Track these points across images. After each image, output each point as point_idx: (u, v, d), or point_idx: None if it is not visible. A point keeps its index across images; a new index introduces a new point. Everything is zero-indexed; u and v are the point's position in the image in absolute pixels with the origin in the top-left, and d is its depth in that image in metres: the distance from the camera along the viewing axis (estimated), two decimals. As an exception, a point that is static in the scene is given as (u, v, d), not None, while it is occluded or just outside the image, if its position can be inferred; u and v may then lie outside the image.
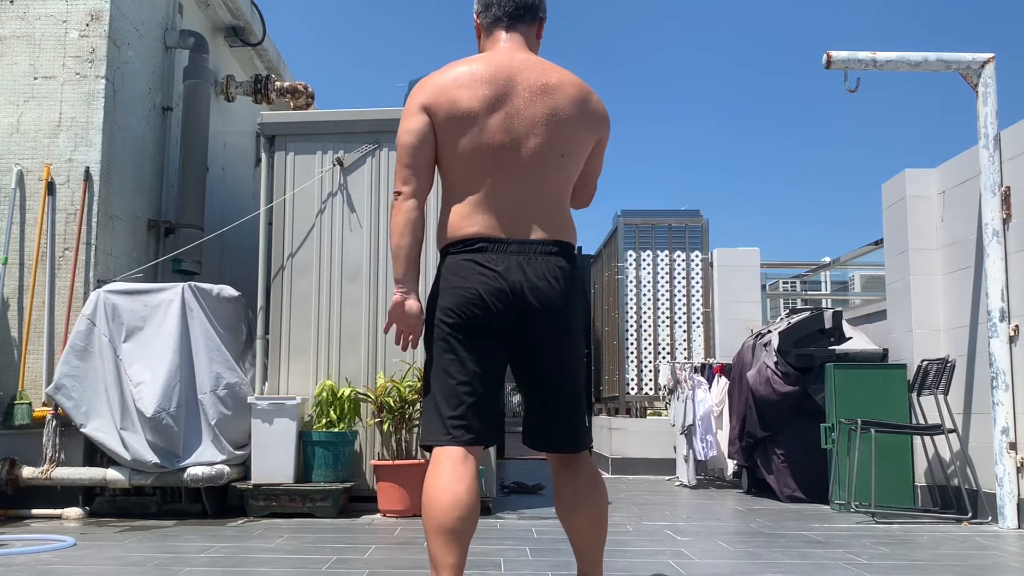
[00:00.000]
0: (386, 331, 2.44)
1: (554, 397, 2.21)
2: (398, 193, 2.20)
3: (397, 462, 4.85)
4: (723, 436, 6.68)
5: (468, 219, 2.17)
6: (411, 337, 2.24)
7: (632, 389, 8.22)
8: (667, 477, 7.48)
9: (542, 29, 2.40)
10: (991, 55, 4.95)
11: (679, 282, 8.28)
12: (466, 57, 2.27)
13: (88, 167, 5.12)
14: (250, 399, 4.95)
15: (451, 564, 2.01)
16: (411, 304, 2.20)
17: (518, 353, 2.20)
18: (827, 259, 8.48)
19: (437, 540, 2.02)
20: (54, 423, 4.74)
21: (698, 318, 8.22)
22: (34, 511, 4.74)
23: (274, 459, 4.85)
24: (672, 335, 8.23)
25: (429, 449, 2.16)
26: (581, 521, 2.20)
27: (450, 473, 2.05)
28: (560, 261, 2.18)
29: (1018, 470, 4.58)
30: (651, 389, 8.20)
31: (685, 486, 6.76)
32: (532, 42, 2.36)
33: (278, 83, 6.95)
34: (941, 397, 5.07)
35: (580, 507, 2.20)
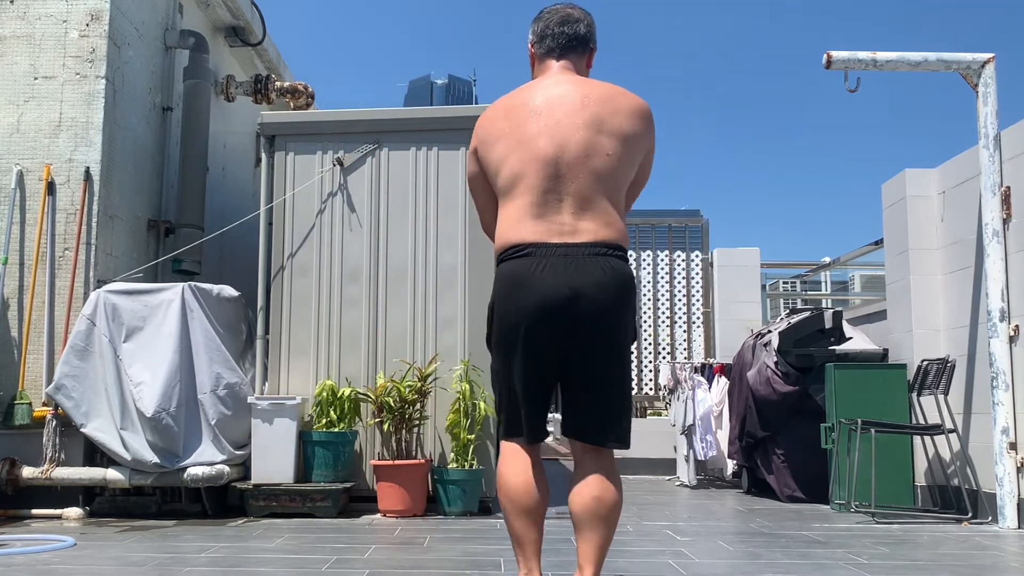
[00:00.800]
0: None
1: (595, 395, 2.28)
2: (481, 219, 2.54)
3: (397, 462, 4.85)
4: (723, 436, 6.68)
5: (516, 226, 2.28)
6: None
7: (632, 389, 8.23)
8: (667, 477, 7.48)
9: (592, 59, 2.53)
10: (991, 55, 4.95)
11: (679, 282, 8.29)
12: (520, 87, 2.44)
13: (88, 167, 5.12)
14: (250, 399, 4.95)
15: (534, 539, 2.27)
16: None
17: (568, 355, 2.27)
18: (827, 259, 8.48)
19: (519, 520, 2.27)
20: (54, 423, 4.74)
21: (698, 318, 8.23)
22: (34, 511, 4.75)
23: (274, 459, 4.85)
24: (672, 335, 8.23)
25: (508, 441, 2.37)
26: (579, 511, 2.23)
27: (523, 464, 2.30)
28: (612, 262, 2.25)
29: (1018, 470, 4.58)
30: (651, 389, 8.20)
31: (685, 486, 6.76)
32: (582, 70, 2.49)
33: (278, 83, 6.95)
34: (941, 397, 5.07)
35: (585, 490, 2.23)
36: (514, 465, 2.30)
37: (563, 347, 2.25)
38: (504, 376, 2.34)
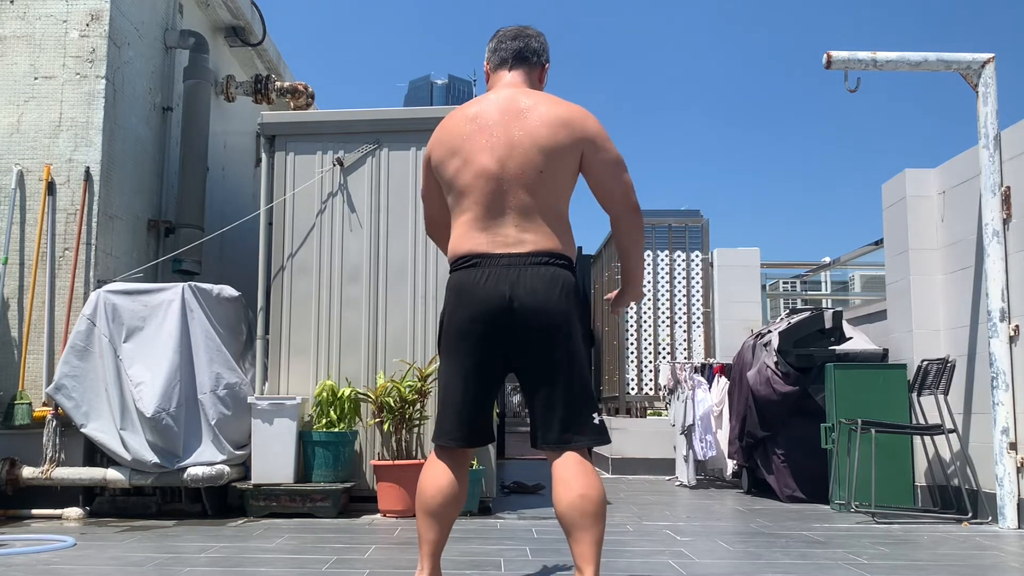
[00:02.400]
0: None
1: (548, 398, 2.34)
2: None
3: (397, 462, 4.85)
4: (723, 436, 6.68)
5: (464, 238, 2.41)
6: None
7: (632, 389, 8.22)
8: (667, 477, 7.48)
9: (544, 75, 2.64)
10: (991, 55, 4.95)
11: (679, 282, 8.29)
12: (469, 101, 2.54)
13: (88, 167, 5.12)
14: (250, 399, 4.95)
15: (431, 539, 2.39)
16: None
17: (513, 360, 2.38)
18: (827, 259, 8.48)
19: (421, 519, 2.41)
20: (54, 423, 4.74)
21: (698, 318, 8.22)
22: (34, 511, 4.74)
23: (274, 459, 4.85)
24: (672, 335, 8.23)
25: (442, 446, 2.47)
26: (567, 512, 2.23)
27: (440, 466, 2.42)
28: (552, 270, 2.35)
29: (1018, 470, 4.58)
30: (651, 389, 8.20)
31: (685, 486, 6.76)
32: (534, 83, 2.59)
33: (278, 83, 6.95)
34: (941, 397, 5.07)
35: (567, 493, 2.24)
36: (432, 468, 2.43)
37: (508, 354, 2.37)
38: (448, 380, 2.44)
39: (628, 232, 2.49)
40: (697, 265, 8.27)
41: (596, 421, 2.34)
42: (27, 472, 4.71)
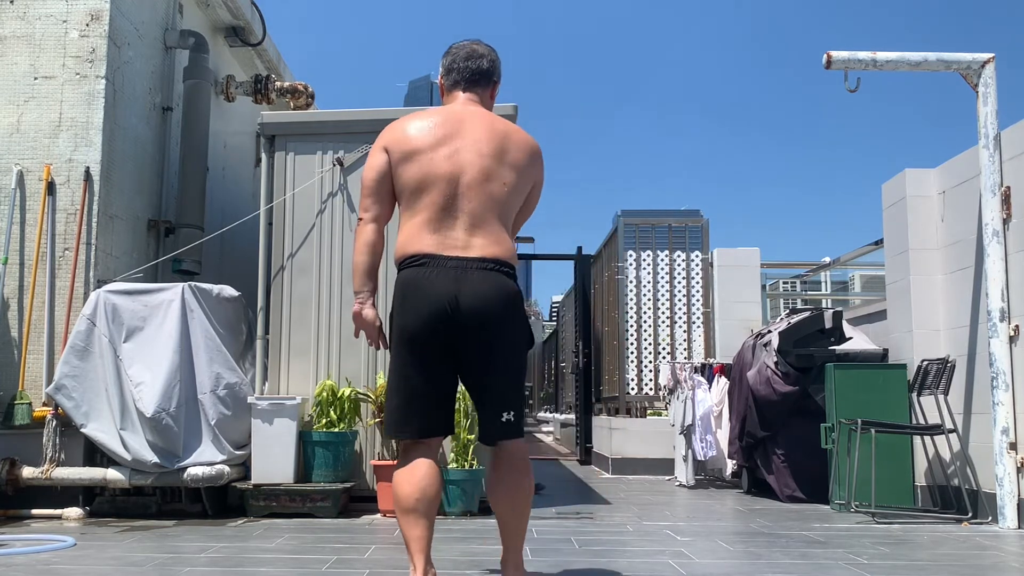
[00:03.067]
0: (355, 336, 2.76)
1: (484, 395, 2.55)
2: (360, 218, 2.64)
3: (397, 462, 4.84)
4: (723, 436, 6.68)
5: (416, 238, 2.52)
6: (376, 339, 2.67)
7: (632, 389, 8.22)
8: (667, 477, 7.48)
9: (495, 91, 2.81)
10: (991, 55, 4.95)
11: (679, 282, 8.28)
12: (428, 109, 2.71)
13: (88, 167, 5.12)
14: (250, 399, 4.95)
15: (416, 536, 2.42)
16: (368, 312, 2.63)
17: (458, 356, 2.52)
18: (827, 259, 8.48)
19: (403, 519, 2.45)
20: (54, 423, 4.74)
21: (698, 318, 8.22)
22: (34, 511, 4.74)
23: (274, 459, 4.85)
24: (672, 335, 8.23)
25: (394, 439, 2.58)
26: (501, 504, 2.53)
27: (414, 464, 2.49)
28: (495, 276, 2.50)
29: (1018, 470, 4.58)
30: (651, 389, 8.20)
31: (685, 486, 6.76)
32: (486, 102, 2.76)
33: (278, 83, 6.95)
34: (941, 397, 5.07)
35: (504, 492, 2.53)
36: (407, 467, 2.50)
37: (452, 349, 2.50)
38: (399, 375, 2.54)
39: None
40: (697, 265, 8.27)
41: (505, 420, 2.52)
42: (27, 472, 4.71)
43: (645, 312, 8.25)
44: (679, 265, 8.29)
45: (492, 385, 2.53)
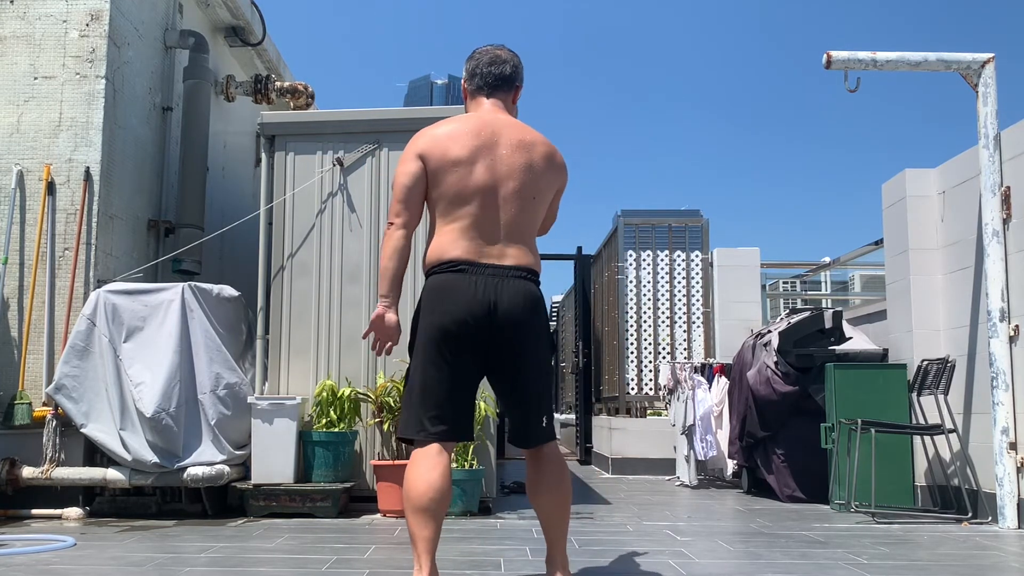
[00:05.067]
0: (364, 337, 2.79)
1: (521, 399, 2.61)
2: (391, 223, 2.65)
3: (397, 462, 4.85)
4: (723, 436, 6.68)
5: (453, 245, 2.58)
6: (388, 345, 2.68)
7: (632, 389, 8.22)
8: (667, 477, 7.48)
9: (518, 95, 2.87)
10: (991, 55, 4.95)
11: (679, 282, 8.28)
12: (456, 116, 2.74)
13: (88, 167, 5.12)
14: (250, 399, 4.95)
15: (426, 537, 2.43)
16: (391, 317, 2.65)
17: (490, 362, 2.59)
18: (827, 259, 8.47)
19: (415, 517, 2.44)
20: (54, 423, 4.74)
21: (698, 318, 8.22)
22: (34, 511, 4.74)
23: (274, 459, 4.85)
24: (672, 335, 8.23)
25: (407, 442, 2.60)
26: (544, 503, 2.61)
27: (427, 463, 2.48)
28: (528, 285, 2.60)
29: (1018, 470, 4.58)
30: (651, 389, 8.20)
31: (685, 486, 6.76)
32: (509, 106, 2.82)
33: (278, 83, 6.95)
34: (941, 397, 5.07)
35: (545, 491, 2.61)
36: (418, 466, 2.49)
37: (483, 355, 2.57)
38: (423, 376, 2.55)
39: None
40: (697, 265, 8.27)
41: (545, 424, 2.62)
42: (27, 472, 4.71)
43: (645, 312, 8.25)
44: (679, 265, 8.29)
45: (530, 391, 2.61)
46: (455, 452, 4.88)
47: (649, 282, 8.28)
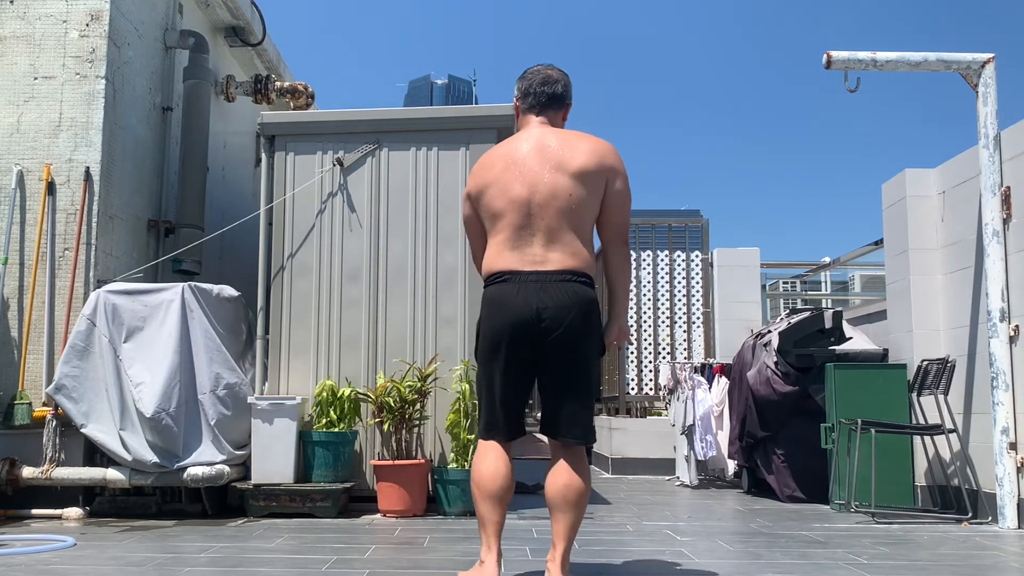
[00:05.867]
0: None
1: (563, 395, 2.71)
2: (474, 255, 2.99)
3: (397, 462, 4.85)
4: (723, 436, 6.68)
5: (498, 257, 2.76)
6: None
7: (632, 389, 8.22)
8: (667, 477, 7.48)
9: (567, 113, 2.98)
10: (991, 55, 4.95)
11: (679, 282, 8.29)
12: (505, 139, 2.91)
13: (88, 167, 5.12)
14: (250, 399, 4.95)
15: (495, 520, 2.68)
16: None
17: (538, 364, 2.72)
18: (827, 259, 8.48)
19: (484, 504, 2.69)
20: (54, 423, 4.74)
21: (698, 318, 8.23)
22: (34, 511, 4.74)
23: (274, 459, 4.85)
24: (672, 335, 8.23)
25: (484, 440, 2.83)
26: (549, 495, 2.68)
27: (492, 454, 2.75)
28: (574, 287, 2.68)
29: (1018, 470, 4.58)
30: (651, 389, 8.20)
31: (685, 486, 6.76)
32: (557, 123, 2.94)
33: (278, 83, 6.95)
34: (941, 397, 5.07)
35: (560, 482, 2.67)
36: (486, 458, 2.75)
37: (534, 358, 2.70)
38: (486, 383, 2.78)
39: (619, 263, 2.83)
40: (697, 265, 8.27)
41: (572, 422, 2.71)
42: (27, 472, 4.71)
43: (645, 312, 8.25)
44: (679, 265, 8.30)
45: (570, 388, 2.70)
46: (454, 452, 4.89)
47: (649, 282, 8.28)
